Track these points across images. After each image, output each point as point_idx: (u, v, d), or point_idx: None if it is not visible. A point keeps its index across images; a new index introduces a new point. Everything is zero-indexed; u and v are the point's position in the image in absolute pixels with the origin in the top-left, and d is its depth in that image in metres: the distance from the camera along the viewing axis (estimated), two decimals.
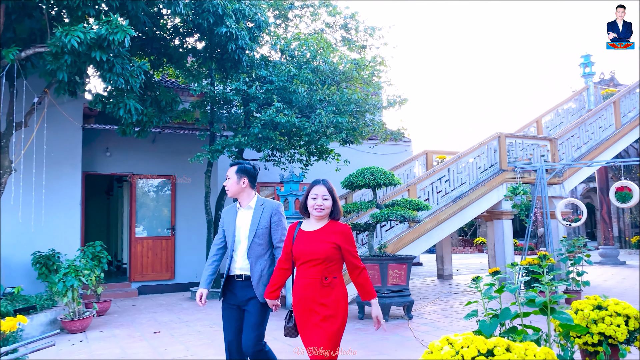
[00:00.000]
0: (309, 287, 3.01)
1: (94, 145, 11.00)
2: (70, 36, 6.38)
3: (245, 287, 3.50)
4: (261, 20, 8.71)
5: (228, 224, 3.67)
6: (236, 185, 3.63)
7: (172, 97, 9.08)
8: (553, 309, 2.83)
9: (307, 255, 3.03)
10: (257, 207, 3.62)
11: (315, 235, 3.09)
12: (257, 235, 3.55)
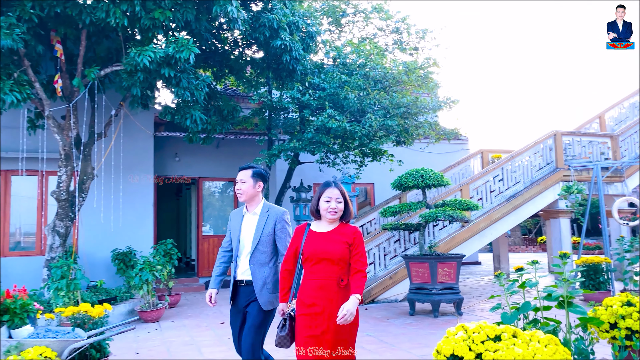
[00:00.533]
0: (325, 288, 2.97)
1: (164, 151, 11.95)
2: (142, 56, 7.13)
3: (247, 292, 3.46)
4: (313, 30, 9.19)
5: (234, 228, 3.60)
6: (252, 189, 3.55)
7: (233, 105, 9.75)
8: (570, 303, 3.08)
9: (320, 254, 3.00)
10: (262, 214, 3.55)
11: (329, 237, 3.07)
12: (261, 242, 3.48)
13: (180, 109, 8.48)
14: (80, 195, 8.42)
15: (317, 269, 3.01)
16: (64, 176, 8.25)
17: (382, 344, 6.05)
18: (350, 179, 9.17)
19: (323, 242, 3.04)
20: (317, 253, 3.01)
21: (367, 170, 12.49)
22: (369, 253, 9.51)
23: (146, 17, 7.30)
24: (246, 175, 3.58)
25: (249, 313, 3.44)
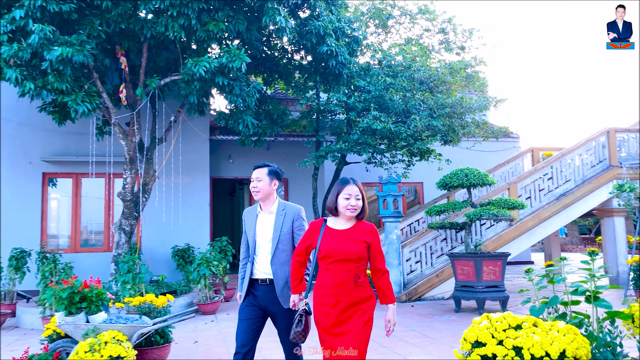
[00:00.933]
0: (342, 286, 2.97)
1: (218, 153, 12.58)
2: (198, 66, 7.65)
3: (267, 291, 3.43)
4: (358, 35, 9.47)
5: (249, 227, 3.58)
6: (268, 187, 3.53)
7: (282, 109, 10.20)
8: (597, 298, 3.23)
9: (340, 254, 2.98)
10: (279, 212, 3.53)
11: (346, 234, 3.05)
12: (280, 241, 3.46)
13: (233, 115, 8.98)
14: (144, 195, 9.09)
15: (335, 266, 2.98)
16: (128, 178, 8.95)
17: (425, 338, 6.27)
18: (396, 178, 9.37)
19: (342, 241, 3.02)
20: (336, 251, 2.98)
21: (416, 169, 12.62)
22: (415, 251, 9.70)
23: (201, 29, 7.83)
24: (262, 173, 3.56)
25: (279, 315, 3.40)
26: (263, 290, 3.43)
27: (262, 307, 3.45)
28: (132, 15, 7.90)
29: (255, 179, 3.55)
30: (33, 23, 6.97)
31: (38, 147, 10.64)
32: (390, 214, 9.32)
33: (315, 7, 8.97)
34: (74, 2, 7.32)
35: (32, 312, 7.96)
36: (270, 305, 3.42)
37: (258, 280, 3.46)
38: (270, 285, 3.41)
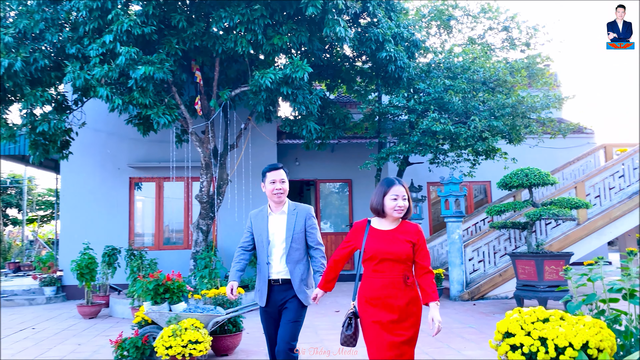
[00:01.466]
0: (391, 287, 2.97)
1: (285, 157, 13.24)
2: (264, 78, 8.24)
3: (284, 290, 3.49)
4: (417, 39, 9.69)
5: (259, 229, 3.57)
6: (287, 188, 3.56)
7: (344, 113, 10.63)
8: (633, 295, 3.38)
9: (387, 254, 2.98)
10: (290, 212, 3.56)
11: (393, 234, 3.06)
12: (294, 240, 3.50)
13: (297, 121, 9.53)
14: (218, 197, 9.85)
15: (382, 267, 3.00)
16: (205, 182, 9.74)
17: (481, 335, 6.46)
18: (457, 178, 9.50)
19: (388, 241, 3.03)
20: (382, 252, 2.99)
21: (485, 168, 12.57)
22: (478, 251, 9.78)
23: (267, 43, 8.42)
24: (284, 175, 3.58)
25: (288, 309, 3.46)
26: (277, 290, 3.48)
27: (277, 308, 3.50)
28: (205, 33, 8.63)
29: (278, 181, 3.53)
30: (120, 46, 7.84)
31: (125, 154, 11.77)
32: (452, 213, 9.48)
33: (374, 14, 9.31)
34: (155, 24, 8.15)
35: (123, 303, 8.94)
36: (284, 302, 3.47)
37: (271, 280, 3.50)
38: (284, 285, 3.47)
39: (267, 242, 3.51)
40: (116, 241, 11.06)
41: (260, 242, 3.56)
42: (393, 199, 3.05)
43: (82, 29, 8.15)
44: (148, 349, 5.20)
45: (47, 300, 11.03)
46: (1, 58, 7.71)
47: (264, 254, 3.53)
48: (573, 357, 2.77)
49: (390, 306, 2.96)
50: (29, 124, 8.57)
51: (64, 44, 8.29)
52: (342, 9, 8.45)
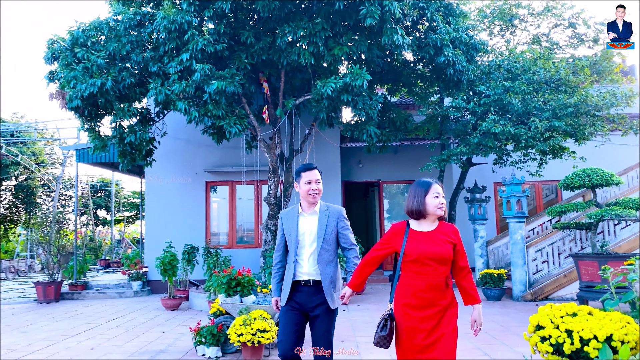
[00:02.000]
0: (435, 289, 2.97)
1: (349, 159, 13.70)
2: (326, 87, 8.74)
3: (312, 292, 3.42)
4: (477, 42, 9.81)
5: (289, 228, 3.54)
6: (321, 190, 3.57)
7: (405, 117, 10.93)
8: None
9: (431, 256, 2.97)
10: (322, 212, 3.54)
11: (434, 235, 3.05)
12: (325, 241, 3.46)
13: (358, 126, 9.96)
14: (285, 199, 10.49)
15: (425, 269, 2.98)
16: (272, 185, 10.41)
17: None
18: (519, 179, 9.52)
19: (430, 242, 3.01)
20: (425, 254, 2.97)
21: (554, 167, 12.33)
22: (541, 251, 9.74)
23: (328, 54, 8.92)
24: (319, 175, 3.56)
25: (321, 317, 3.40)
26: (306, 291, 3.42)
27: (303, 310, 3.43)
28: (271, 47, 9.27)
29: (314, 181, 3.51)
30: (196, 63, 8.64)
31: (201, 160, 12.74)
32: (513, 214, 9.52)
33: (432, 20, 9.54)
34: (225, 41, 8.89)
35: (201, 297, 9.79)
36: (313, 307, 3.41)
37: (301, 282, 3.44)
38: (314, 287, 3.42)
39: (296, 242, 3.48)
40: (194, 240, 12.03)
41: (291, 242, 3.51)
42: (435, 197, 3.06)
43: (162, 49, 9.04)
44: (222, 336, 5.85)
45: (134, 294, 12.20)
46: (95, 79, 8.76)
47: (292, 253, 3.50)
48: (597, 349, 3.01)
49: (431, 309, 2.96)
50: (118, 135, 9.62)
51: (147, 62, 9.24)
52: (400, 18, 8.78)
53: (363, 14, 8.39)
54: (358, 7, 8.55)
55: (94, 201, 32.44)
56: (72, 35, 9.21)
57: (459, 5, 10.42)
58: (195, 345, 5.95)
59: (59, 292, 11.76)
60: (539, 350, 3.29)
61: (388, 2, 8.35)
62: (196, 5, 8.68)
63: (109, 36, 9.42)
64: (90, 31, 9.30)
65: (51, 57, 9.35)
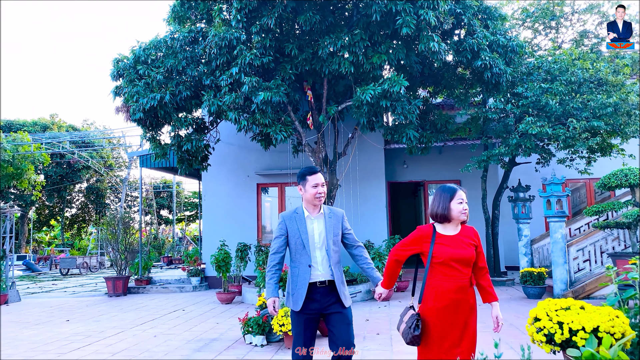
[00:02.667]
0: (462, 291, 3.13)
1: (394, 160, 14.08)
2: (365, 94, 9.22)
3: (327, 292, 3.50)
4: (515, 44, 9.97)
5: (296, 231, 3.57)
6: (326, 193, 3.66)
7: (446, 118, 11.22)
8: None
9: (459, 258, 3.12)
10: (327, 215, 3.64)
11: (459, 238, 3.20)
12: (335, 243, 3.59)
13: (398, 129, 10.36)
14: (329, 201, 11.05)
15: (452, 272, 3.13)
16: None
17: None
18: (559, 179, 9.60)
19: (456, 245, 3.17)
20: (453, 256, 3.12)
21: (606, 165, 12.21)
22: (583, 250, 9.78)
23: (367, 62, 9.40)
24: (324, 179, 3.69)
25: (341, 314, 3.49)
26: (322, 292, 3.50)
27: (318, 311, 3.51)
28: (313, 57, 9.85)
29: (320, 184, 3.59)
30: (244, 76, 9.37)
31: (252, 163, 13.54)
32: (553, 213, 9.62)
33: (470, 24, 9.80)
34: (271, 54, 9.56)
35: (252, 291, 10.54)
36: (329, 307, 3.50)
37: (317, 283, 3.51)
38: (328, 287, 3.52)
39: (308, 245, 3.53)
40: (247, 238, 12.84)
41: (299, 245, 3.55)
42: (459, 203, 3.23)
43: (214, 63, 9.82)
44: (267, 326, 6.49)
45: (193, 289, 13.17)
46: (155, 93, 9.67)
47: (305, 256, 3.54)
48: (584, 338, 3.38)
49: (461, 311, 3.13)
50: (176, 143, 10.52)
51: (201, 76, 10.06)
52: (436, 25, 9.13)
53: (399, 24, 8.80)
54: (394, 18, 8.97)
55: (157, 201, 34.40)
56: (135, 54, 10.19)
57: (498, 8, 10.58)
58: (244, 334, 6.63)
59: (126, 286, 12.91)
60: (535, 340, 3.67)
61: (423, 11, 8.74)
62: (244, 21, 9.39)
63: (166, 53, 10.32)
64: (150, 49, 10.24)
65: (116, 74, 10.38)
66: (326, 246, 3.57)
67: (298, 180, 3.67)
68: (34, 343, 7.19)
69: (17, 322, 9.15)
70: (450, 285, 3.12)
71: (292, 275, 3.61)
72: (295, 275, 3.57)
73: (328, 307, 3.50)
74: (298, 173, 3.68)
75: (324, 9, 9.56)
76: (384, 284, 3.46)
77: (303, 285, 3.49)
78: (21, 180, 15.96)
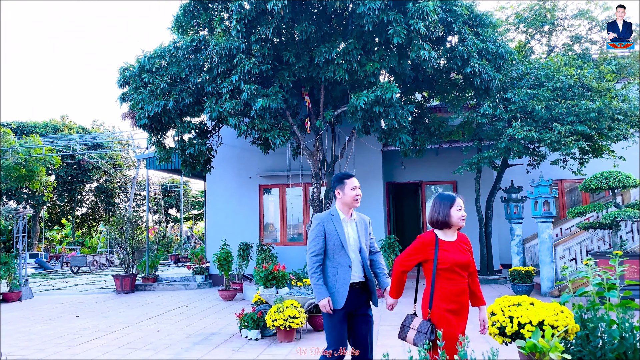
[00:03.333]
0: (464, 293, 3.36)
1: (392, 162, 14.49)
2: (359, 100, 9.64)
3: (360, 293, 3.68)
4: (503, 51, 10.35)
5: (335, 233, 3.68)
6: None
7: (439, 122, 11.61)
8: (610, 290, 4.19)
9: (460, 263, 3.31)
10: (358, 220, 3.84)
11: (458, 244, 3.39)
12: (366, 246, 3.81)
13: (392, 133, 10.78)
14: (327, 202, 11.50)
15: (455, 276, 3.31)
16: (315, 188, 11.46)
17: None
18: (547, 181, 9.98)
19: (457, 252, 3.36)
20: (456, 262, 3.30)
21: (601, 167, 12.52)
22: (569, 250, 10.15)
23: (360, 70, 9.83)
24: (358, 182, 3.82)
25: (367, 316, 3.70)
26: (357, 292, 3.67)
27: (349, 311, 3.64)
28: (310, 65, 10.28)
29: (357, 187, 3.79)
30: (244, 83, 9.83)
31: (255, 165, 14.02)
32: (540, 214, 10.01)
33: (460, 32, 10.19)
34: (270, 62, 10.01)
35: (252, 289, 11.02)
36: (360, 307, 3.69)
37: (353, 284, 3.66)
38: (361, 288, 3.70)
39: (347, 247, 3.67)
40: (250, 238, 13.33)
41: (337, 246, 3.67)
42: (458, 210, 3.40)
43: (215, 71, 10.29)
44: (261, 322, 6.96)
45: (197, 286, 13.69)
46: (159, 100, 10.18)
47: (344, 257, 3.67)
48: (530, 331, 3.80)
49: (463, 313, 3.38)
50: (180, 147, 11.02)
51: (203, 84, 10.54)
52: (427, 34, 9.53)
53: (391, 34, 9.22)
54: (386, 28, 9.38)
55: (166, 200, 35.03)
56: (140, 63, 10.69)
57: (489, 15, 10.94)
58: (240, 329, 7.11)
59: (133, 284, 13.46)
60: (490, 332, 4.10)
61: (413, 21, 9.15)
62: (243, 31, 9.84)
63: (170, 61, 10.81)
64: (155, 58, 10.74)
65: (123, 82, 10.90)
66: (359, 249, 3.74)
67: (335, 185, 3.81)
68: (47, 337, 7.73)
69: (30, 318, 9.71)
70: (455, 288, 3.32)
71: (330, 275, 3.68)
72: (334, 275, 3.66)
73: (360, 307, 3.69)
74: (333, 178, 3.86)
75: (320, 19, 10.00)
76: (393, 294, 3.58)
77: (344, 284, 3.60)
78: (33, 182, 16.58)
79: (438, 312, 3.31)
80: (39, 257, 25.40)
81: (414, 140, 11.33)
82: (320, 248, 3.68)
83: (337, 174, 3.87)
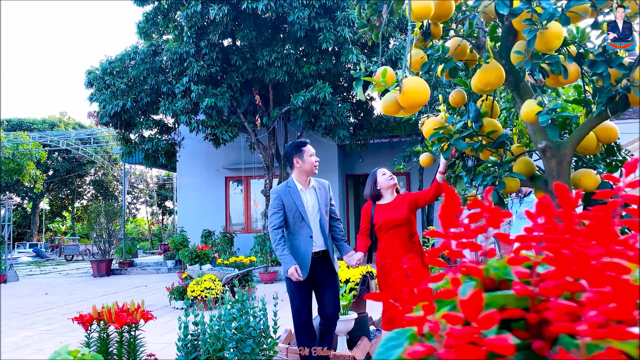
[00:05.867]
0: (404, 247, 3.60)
1: (352, 155, 15.49)
2: (297, 99, 10.68)
3: (321, 262, 3.64)
4: None
5: (292, 204, 3.62)
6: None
7: (379, 119, 12.60)
8: None
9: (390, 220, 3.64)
10: (317, 187, 3.75)
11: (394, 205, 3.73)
12: (326, 212, 3.74)
13: (332, 129, 11.79)
14: None
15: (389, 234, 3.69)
16: (267, 180, 12.52)
17: None
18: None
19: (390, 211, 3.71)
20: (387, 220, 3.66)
21: None
22: None
23: (299, 72, 10.84)
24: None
25: (331, 283, 3.67)
26: (317, 261, 3.62)
27: (313, 281, 3.64)
28: (256, 67, 11.31)
29: (314, 153, 3.75)
30: (193, 85, 10.89)
31: (221, 159, 15.09)
32: None
33: (390, 36, 11.14)
34: (219, 65, 11.06)
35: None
36: (323, 275, 3.66)
37: (314, 253, 3.62)
38: (322, 256, 3.66)
39: (306, 217, 3.61)
40: (217, 226, 14.44)
41: (297, 218, 3.62)
42: (382, 174, 3.84)
43: (170, 74, 11.38)
44: (185, 293, 8.07)
45: (168, 270, 14.86)
46: (119, 100, 11.29)
47: (305, 228, 3.62)
48: None
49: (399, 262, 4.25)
50: (141, 143, 12.15)
51: (159, 85, 11.63)
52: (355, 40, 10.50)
53: (321, 39, 10.22)
54: (317, 34, 10.38)
55: (162, 193, 36.34)
56: (103, 67, 11.81)
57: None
58: (170, 300, 8.23)
59: (109, 268, 14.65)
60: None
61: (341, 28, 10.14)
62: (194, 37, 10.90)
63: (130, 64, 11.92)
64: (116, 62, 11.85)
65: (88, 83, 12.03)
66: (319, 217, 3.70)
67: (292, 153, 3.70)
68: (12, 309, 8.92)
69: (8, 295, 10.94)
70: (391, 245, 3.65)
71: (292, 247, 3.65)
72: (297, 247, 3.63)
73: (324, 275, 3.66)
74: (288, 147, 3.80)
75: (260, 26, 11.02)
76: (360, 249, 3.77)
77: (306, 255, 3.58)
78: (22, 175, 17.86)
79: (377, 268, 3.75)
80: (37, 247, 26.84)
81: (358, 135, 12.31)
82: (281, 221, 3.63)
83: (291, 142, 3.88)
